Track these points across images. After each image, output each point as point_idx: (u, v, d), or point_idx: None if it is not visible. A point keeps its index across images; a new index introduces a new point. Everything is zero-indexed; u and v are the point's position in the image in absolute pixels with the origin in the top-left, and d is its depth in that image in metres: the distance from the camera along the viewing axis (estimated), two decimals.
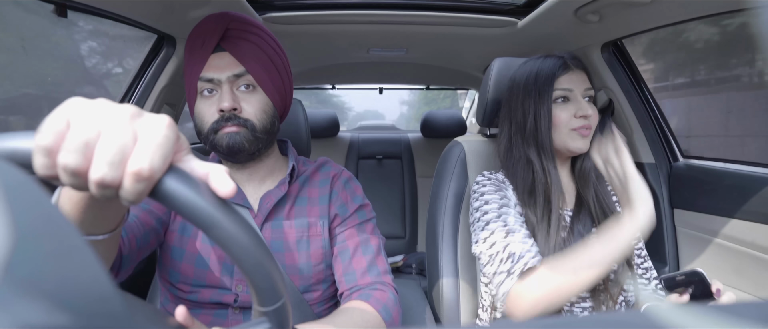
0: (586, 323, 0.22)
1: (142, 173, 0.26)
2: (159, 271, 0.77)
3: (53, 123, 0.27)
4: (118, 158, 0.26)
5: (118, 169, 0.26)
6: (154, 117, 0.29)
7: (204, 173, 0.30)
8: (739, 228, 0.99)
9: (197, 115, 0.74)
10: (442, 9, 1.24)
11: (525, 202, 0.83)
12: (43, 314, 0.16)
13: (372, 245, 0.79)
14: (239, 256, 0.29)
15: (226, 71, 0.71)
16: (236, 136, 0.71)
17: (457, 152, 1.06)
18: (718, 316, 0.18)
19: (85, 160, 0.26)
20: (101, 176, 0.26)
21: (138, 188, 0.27)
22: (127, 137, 0.27)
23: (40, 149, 0.26)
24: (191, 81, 0.73)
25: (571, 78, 0.84)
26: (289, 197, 0.79)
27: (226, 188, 0.29)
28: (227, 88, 0.71)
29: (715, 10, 0.92)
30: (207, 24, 0.73)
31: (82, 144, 0.26)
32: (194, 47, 0.73)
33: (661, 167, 1.24)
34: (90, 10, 0.89)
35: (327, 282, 0.80)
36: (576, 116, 0.82)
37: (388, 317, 0.72)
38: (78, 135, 0.26)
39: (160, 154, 0.27)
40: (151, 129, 0.28)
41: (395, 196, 2.21)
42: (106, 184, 0.26)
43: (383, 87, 2.59)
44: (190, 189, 0.28)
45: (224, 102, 0.70)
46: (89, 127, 0.27)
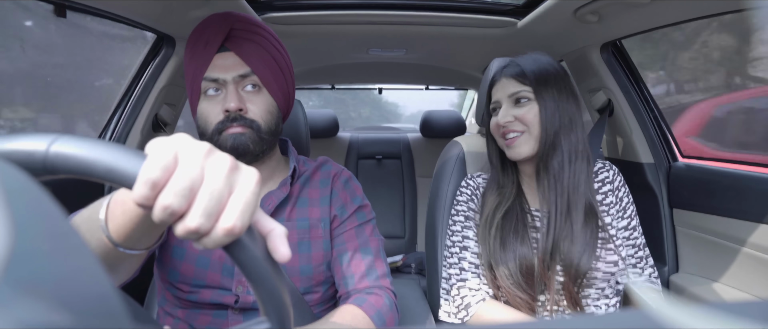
0: (586, 323, 0.22)
1: (233, 231, 0.27)
2: (158, 271, 0.76)
3: (163, 159, 0.27)
4: (216, 210, 0.27)
5: (213, 220, 0.27)
6: (249, 172, 0.30)
7: (266, 231, 0.31)
8: (738, 228, 0.99)
9: (201, 115, 0.74)
10: (441, 9, 1.24)
11: (483, 204, 0.89)
12: (42, 314, 0.16)
13: (371, 247, 0.79)
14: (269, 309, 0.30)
15: (232, 71, 0.71)
16: (241, 137, 0.71)
17: (456, 151, 1.06)
18: (718, 316, 0.18)
19: (187, 204, 0.27)
20: (198, 225, 0.27)
21: (223, 242, 0.27)
22: (225, 188, 0.28)
23: (148, 182, 0.26)
24: (194, 81, 0.73)
25: (497, 88, 0.88)
26: (290, 198, 0.78)
27: (283, 255, 0.30)
28: (233, 88, 0.71)
29: (715, 10, 0.92)
30: (210, 24, 0.73)
31: (188, 189, 0.27)
32: (197, 47, 0.72)
33: (661, 167, 1.24)
34: (89, 10, 0.89)
35: (327, 283, 0.80)
36: (499, 125, 0.86)
37: (380, 323, 0.72)
38: (186, 178, 0.27)
39: (249, 213, 0.28)
40: (245, 185, 0.29)
41: (395, 196, 2.21)
42: (200, 233, 0.27)
43: (383, 87, 2.60)
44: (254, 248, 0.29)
45: (230, 102, 0.70)
46: (195, 171, 0.27)
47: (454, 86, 2.48)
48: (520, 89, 0.84)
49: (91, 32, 1.23)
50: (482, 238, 0.86)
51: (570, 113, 0.83)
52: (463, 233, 0.89)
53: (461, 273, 0.86)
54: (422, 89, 2.54)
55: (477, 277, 0.85)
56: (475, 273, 0.85)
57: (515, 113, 0.84)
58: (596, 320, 0.22)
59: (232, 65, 0.71)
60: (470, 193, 0.93)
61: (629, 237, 0.88)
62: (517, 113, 0.84)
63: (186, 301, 0.73)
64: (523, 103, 0.84)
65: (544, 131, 0.82)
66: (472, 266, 0.86)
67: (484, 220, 0.86)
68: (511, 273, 0.80)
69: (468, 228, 0.89)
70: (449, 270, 0.89)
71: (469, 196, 0.92)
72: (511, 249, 0.81)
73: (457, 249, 0.89)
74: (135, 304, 0.53)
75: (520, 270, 0.80)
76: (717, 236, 1.05)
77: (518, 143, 0.84)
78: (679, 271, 1.17)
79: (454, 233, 0.91)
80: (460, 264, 0.87)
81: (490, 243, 0.83)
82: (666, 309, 0.19)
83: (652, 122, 1.28)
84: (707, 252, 1.09)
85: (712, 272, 1.08)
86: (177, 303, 0.75)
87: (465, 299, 0.83)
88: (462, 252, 0.88)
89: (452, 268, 0.88)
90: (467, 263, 0.86)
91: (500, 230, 0.83)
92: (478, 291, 0.84)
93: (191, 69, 0.73)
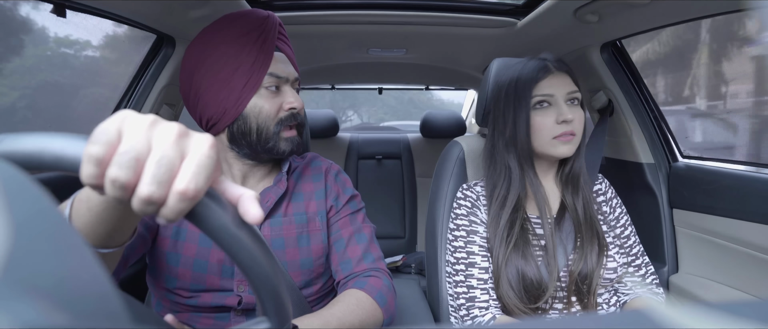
0: (586, 323, 0.22)
1: (187, 193, 0.27)
2: (152, 279, 0.75)
3: (105, 133, 0.27)
4: (167, 177, 0.27)
5: (165, 187, 0.27)
6: (200, 137, 0.29)
7: (235, 197, 0.30)
8: (738, 228, 0.99)
9: (257, 111, 0.72)
10: (441, 9, 1.24)
11: (493, 217, 0.84)
12: (42, 314, 0.16)
13: (365, 233, 0.82)
14: (257, 282, 0.30)
15: (292, 72, 0.75)
16: (296, 140, 0.76)
17: (456, 152, 1.06)
18: (718, 316, 0.18)
19: (134, 175, 0.26)
20: (149, 193, 0.26)
21: (181, 208, 0.27)
22: (175, 155, 0.27)
23: (91, 159, 0.26)
24: (251, 74, 0.71)
25: (551, 82, 0.81)
26: (286, 194, 0.79)
27: (254, 216, 0.29)
28: (290, 88, 0.75)
29: (715, 10, 0.92)
30: (261, 20, 0.74)
31: (133, 159, 0.26)
32: (250, 38, 0.72)
33: (661, 167, 1.24)
34: (90, 10, 0.89)
35: (326, 275, 0.81)
36: (557, 122, 0.80)
37: (383, 303, 0.74)
38: (130, 149, 0.26)
39: (204, 175, 0.27)
40: (197, 149, 0.28)
41: (395, 196, 2.21)
42: (153, 201, 0.27)
43: (383, 87, 2.59)
44: (222, 214, 0.28)
45: (297, 102, 0.74)
46: (140, 141, 0.27)
47: (454, 86, 2.48)
48: (574, 89, 0.82)
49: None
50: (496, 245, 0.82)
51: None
52: (467, 248, 0.85)
53: (470, 291, 0.82)
54: (422, 88, 2.54)
55: (486, 293, 0.81)
56: (484, 290, 0.81)
57: (574, 113, 0.80)
58: (596, 320, 0.22)
59: (288, 66, 0.75)
60: (471, 204, 0.89)
61: (623, 246, 0.89)
62: (575, 114, 0.81)
63: (185, 306, 0.72)
64: (575, 104, 0.82)
65: (582, 136, 0.84)
66: (481, 282, 0.82)
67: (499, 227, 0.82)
68: (512, 284, 0.79)
69: (472, 243, 0.85)
70: (456, 289, 0.84)
71: (470, 208, 0.88)
72: (514, 260, 0.79)
73: (462, 267, 0.84)
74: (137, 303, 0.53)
75: (523, 282, 0.78)
76: (717, 237, 1.05)
77: (572, 142, 0.81)
78: (679, 271, 1.17)
79: (457, 250, 0.86)
80: (468, 281, 0.83)
81: (498, 252, 0.81)
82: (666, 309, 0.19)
83: (652, 122, 1.28)
84: (707, 252, 1.09)
85: (712, 272, 1.08)
86: (176, 309, 0.74)
87: (476, 320, 0.80)
88: (469, 269, 0.83)
89: (459, 287, 0.83)
90: (475, 280, 0.82)
91: (512, 239, 0.81)
92: (488, 310, 0.80)
93: (247, 60, 0.71)
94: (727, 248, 1.03)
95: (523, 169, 0.84)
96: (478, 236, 0.86)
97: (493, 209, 0.84)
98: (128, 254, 0.67)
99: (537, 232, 0.84)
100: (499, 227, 0.82)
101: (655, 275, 0.90)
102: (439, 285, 0.99)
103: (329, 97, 4.80)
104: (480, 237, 0.85)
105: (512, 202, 0.83)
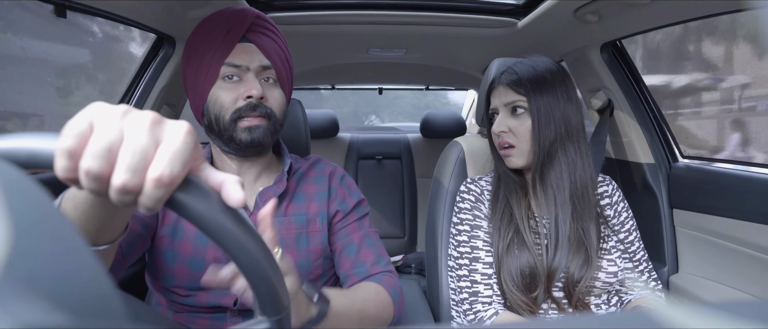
0: (586, 323, 0.22)
1: (162, 180, 0.26)
2: (151, 277, 0.75)
3: (76, 126, 0.26)
4: (141, 165, 0.26)
5: (140, 175, 0.26)
6: (175, 124, 0.29)
7: (218, 183, 0.30)
8: (738, 228, 0.99)
9: (215, 101, 0.72)
10: (441, 9, 1.24)
11: (493, 211, 0.87)
12: (42, 314, 0.16)
13: (373, 238, 0.83)
14: (247, 267, 0.29)
15: (255, 61, 0.73)
16: (258, 129, 0.72)
17: (456, 152, 1.06)
18: (718, 316, 0.18)
19: (108, 165, 0.26)
20: (123, 181, 0.26)
21: (157, 195, 0.27)
22: (148, 142, 0.27)
23: (63, 152, 0.26)
24: (211, 64, 0.71)
25: (495, 95, 0.87)
26: (287, 194, 0.79)
27: (236, 200, 0.29)
28: (253, 76, 0.72)
29: (715, 10, 0.92)
30: (232, 13, 0.74)
31: (105, 149, 0.26)
32: (216, 32, 0.72)
33: (661, 168, 1.24)
34: (89, 11, 0.89)
35: (325, 276, 0.81)
36: (496, 133, 0.86)
37: (396, 299, 0.76)
38: (101, 140, 0.26)
39: (180, 161, 0.27)
40: (172, 136, 0.28)
41: (395, 196, 2.21)
42: (128, 190, 0.26)
43: (383, 87, 2.59)
44: (204, 200, 0.28)
45: (253, 89, 0.71)
46: (112, 132, 0.27)
47: (454, 86, 2.48)
48: (516, 99, 0.83)
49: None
50: (494, 239, 0.84)
51: (567, 121, 0.81)
52: (471, 243, 0.85)
53: (473, 286, 0.83)
54: (422, 88, 2.54)
55: (490, 288, 0.82)
56: (487, 285, 0.82)
57: (510, 124, 0.84)
58: (596, 320, 0.22)
59: (255, 55, 0.73)
60: (475, 199, 0.90)
61: (626, 251, 0.87)
62: (511, 123, 0.84)
63: (182, 305, 0.72)
64: (518, 113, 0.84)
65: (536, 144, 0.81)
66: (485, 277, 0.83)
67: (498, 220, 0.85)
68: (513, 276, 0.79)
69: (476, 238, 0.85)
70: (459, 283, 0.85)
71: (474, 202, 0.89)
72: (514, 253, 0.80)
73: (466, 261, 0.85)
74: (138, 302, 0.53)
75: (522, 275, 0.79)
76: (717, 237, 1.05)
77: (512, 154, 0.84)
78: (679, 271, 1.17)
79: (460, 244, 0.87)
80: (471, 276, 0.83)
81: (498, 245, 0.83)
82: (666, 309, 0.19)
83: (652, 122, 1.28)
84: (707, 252, 1.09)
85: (712, 272, 1.08)
86: (173, 308, 0.74)
87: (478, 314, 0.81)
88: (473, 264, 0.84)
89: (462, 281, 0.84)
90: (479, 275, 0.83)
91: (512, 231, 0.83)
92: (491, 305, 0.81)
93: (208, 53, 0.72)
94: (727, 248, 1.03)
95: (501, 171, 0.90)
96: (482, 230, 0.86)
97: (493, 203, 0.88)
98: (127, 253, 0.67)
99: (539, 230, 0.84)
100: (495, 220, 0.85)
101: (657, 280, 0.89)
102: (439, 285, 0.99)
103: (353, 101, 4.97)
104: (484, 232, 0.86)
105: (505, 197, 0.86)
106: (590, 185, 0.83)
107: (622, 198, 0.92)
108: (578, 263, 0.78)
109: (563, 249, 0.79)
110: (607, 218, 0.88)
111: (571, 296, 0.79)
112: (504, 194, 0.87)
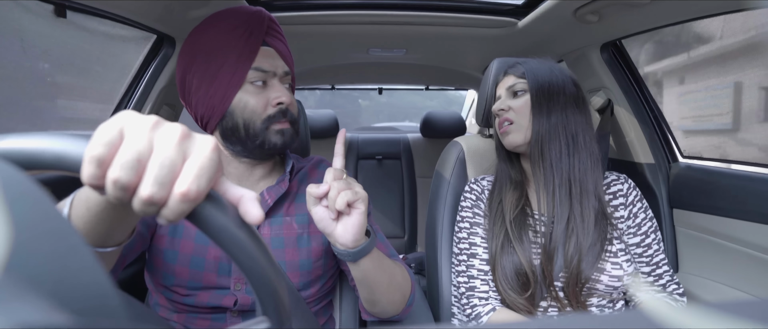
0: (586, 323, 0.22)
1: (189, 195, 0.27)
2: (151, 276, 0.75)
3: (106, 134, 0.27)
4: (169, 179, 0.27)
5: (167, 189, 0.27)
6: (203, 139, 0.29)
7: (236, 198, 0.30)
8: (738, 228, 0.99)
9: (243, 106, 0.71)
10: (441, 9, 1.24)
11: (489, 208, 0.89)
12: (42, 314, 0.16)
13: (381, 234, 0.84)
14: (257, 282, 0.30)
15: (279, 67, 0.73)
16: (287, 132, 0.74)
17: (456, 152, 1.06)
18: (718, 316, 0.18)
19: (136, 176, 0.26)
20: (150, 194, 0.26)
21: (182, 209, 0.27)
22: (177, 156, 0.27)
23: (92, 160, 0.26)
24: (236, 68, 0.70)
25: (501, 86, 0.92)
26: (289, 194, 0.79)
27: (254, 217, 0.30)
28: (278, 82, 0.73)
29: (715, 10, 0.92)
30: (248, 15, 0.73)
31: (135, 161, 0.26)
32: (236, 34, 0.71)
33: (661, 167, 1.24)
34: (89, 11, 0.89)
35: (325, 277, 0.80)
36: (495, 112, 0.89)
37: (412, 279, 0.79)
38: (131, 150, 0.26)
39: (206, 177, 0.28)
40: (200, 151, 0.28)
41: (395, 196, 2.21)
42: (154, 202, 0.27)
43: (383, 87, 2.60)
44: (223, 215, 0.28)
45: (284, 96, 0.72)
46: (142, 143, 0.27)
47: (454, 86, 2.48)
48: (516, 82, 0.88)
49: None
50: (490, 237, 0.85)
51: (564, 92, 0.84)
52: (469, 240, 0.88)
53: (470, 281, 0.85)
54: (422, 89, 2.54)
55: (486, 284, 0.84)
56: (484, 281, 0.84)
57: (510, 103, 0.87)
58: (596, 320, 0.22)
59: (276, 61, 0.74)
60: (476, 198, 0.92)
61: (643, 255, 0.84)
62: (511, 103, 0.87)
63: (182, 305, 0.72)
64: (518, 95, 0.87)
65: (535, 119, 0.83)
66: (482, 273, 0.85)
67: (493, 218, 0.86)
68: (507, 275, 0.80)
69: (475, 235, 0.88)
70: (458, 278, 0.88)
71: (474, 201, 0.91)
72: (509, 251, 0.81)
73: (464, 257, 0.88)
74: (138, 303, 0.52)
75: (516, 274, 0.79)
76: (717, 237, 1.05)
77: (510, 130, 0.86)
78: (679, 271, 1.17)
79: (460, 241, 0.90)
80: (468, 271, 0.86)
81: (493, 244, 0.83)
82: (666, 308, 0.19)
83: (652, 122, 1.28)
84: (707, 252, 1.09)
85: (712, 272, 1.08)
86: (173, 308, 0.73)
87: (475, 309, 0.82)
88: (470, 260, 0.87)
89: (461, 276, 0.87)
90: (476, 270, 0.85)
91: (504, 230, 0.83)
92: (487, 301, 0.82)
93: (232, 55, 0.70)
94: (727, 248, 1.03)
95: (505, 162, 0.92)
96: (481, 228, 0.88)
97: (489, 201, 0.90)
98: (126, 252, 0.66)
99: (538, 228, 0.84)
100: (491, 218, 0.86)
101: (677, 285, 0.85)
102: (440, 285, 0.99)
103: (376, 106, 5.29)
104: (482, 229, 0.88)
105: (499, 195, 0.88)
106: (591, 175, 0.81)
107: (640, 198, 0.88)
108: (574, 255, 0.78)
109: (560, 242, 0.78)
110: (617, 219, 0.85)
111: (570, 296, 0.79)
112: (499, 190, 0.89)
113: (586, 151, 0.82)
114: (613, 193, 0.88)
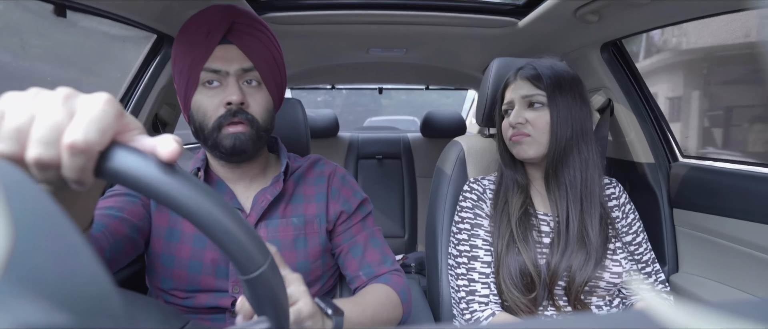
0: (586, 323, 0.22)
1: (76, 145, 0.26)
2: (150, 280, 0.75)
3: None
4: (53, 137, 0.26)
5: (54, 147, 0.26)
6: (93, 95, 0.28)
7: (151, 146, 0.29)
8: (738, 228, 0.99)
9: (197, 108, 0.70)
10: (441, 9, 1.24)
11: (494, 209, 0.88)
12: (42, 314, 0.16)
13: (378, 237, 0.83)
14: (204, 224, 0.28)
15: (235, 64, 0.69)
16: (242, 136, 0.69)
17: (456, 151, 1.06)
18: (718, 316, 0.18)
19: (18, 145, 0.26)
20: (36, 155, 0.26)
21: (77, 163, 0.26)
22: (62, 116, 0.27)
23: None
24: (192, 70, 0.69)
25: (512, 89, 0.88)
26: (284, 195, 0.78)
27: (166, 152, 0.28)
28: (234, 81, 0.69)
29: (715, 10, 0.92)
30: (212, 14, 0.71)
31: (14, 130, 0.26)
32: (196, 35, 0.70)
33: (661, 167, 1.24)
34: (89, 10, 0.89)
35: (324, 277, 0.80)
36: (511, 125, 0.85)
37: (405, 299, 0.77)
38: (10, 122, 0.26)
39: (95, 127, 0.26)
40: (87, 105, 0.27)
41: (395, 196, 2.21)
42: (44, 163, 0.26)
43: (383, 87, 2.60)
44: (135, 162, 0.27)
45: (232, 95, 0.67)
46: (20, 113, 0.26)
47: (454, 86, 2.48)
48: (535, 93, 0.83)
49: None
50: (494, 238, 0.84)
51: (582, 121, 0.82)
52: (470, 241, 0.86)
53: (470, 285, 0.83)
54: (422, 88, 2.54)
55: (487, 287, 0.83)
56: (485, 284, 0.83)
57: (527, 116, 0.83)
58: (596, 320, 0.22)
59: (235, 58, 0.70)
60: (477, 198, 0.90)
61: (634, 253, 0.88)
62: (529, 115, 0.83)
63: (181, 307, 0.72)
64: (536, 107, 0.84)
65: (554, 137, 0.81)
66: (483, 276, 0.83)
67: (498, 218, 0.85)
68: (512, 275, 0.79)
69: (476, 236, 0.86)
70: (458, 282, 0.86)
71: (476, 201, 0.90)
72: (514, 252, 0.80)
73: (464, 259, 0.86)
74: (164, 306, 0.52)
75: (521, 275, 0.79)
76: (717, 236, 1.05)
77: (524, 142, 0.83)
78: (679, 271, 1.17)
79: (460, 243, 0.88)
80: (469, 274, 0.84)
81: (498, 244, 0.83)
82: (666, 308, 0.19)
83: (652, 122, 1.28)
84: (707, 252, 1.09)
85: (712, 272, 1.08)
86: None
87: (475, 314, 0.81)
88: (471, 262, 0.85)
89: (461, 279, 0.85)
90: (477, 274, 0.83)
91: (509, 231, 0.83)
92: (487, 306, 0.81)
93: (188, 58, 0.70)
94: (727, 248, 1.03)
95: (511, 168, 0.90)
96: (482, 229, 0.87)
97: (494, 201, 0.89)
98: (113, 256, 0.65)
99: (542, 229, 0.84)
100: (496, 218, 0.86)
101: (664, 282, 0.89)
102: (440, 284, 0.99)
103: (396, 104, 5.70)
104: (484, 231, 0.87)
105: (505, 196, 0.87)
106: (597, 184, 0.83)
107: (629, 200, 0.93)
108: (580, 262, 0.79)
109: (570, 247, 0.79)
110: (614, 219, 0.88)
111: (572, 296, 0.79)
112: (504, 192, 0.88)
113: (593, 162, 0.84)
114: (608, 196, 0.91)
